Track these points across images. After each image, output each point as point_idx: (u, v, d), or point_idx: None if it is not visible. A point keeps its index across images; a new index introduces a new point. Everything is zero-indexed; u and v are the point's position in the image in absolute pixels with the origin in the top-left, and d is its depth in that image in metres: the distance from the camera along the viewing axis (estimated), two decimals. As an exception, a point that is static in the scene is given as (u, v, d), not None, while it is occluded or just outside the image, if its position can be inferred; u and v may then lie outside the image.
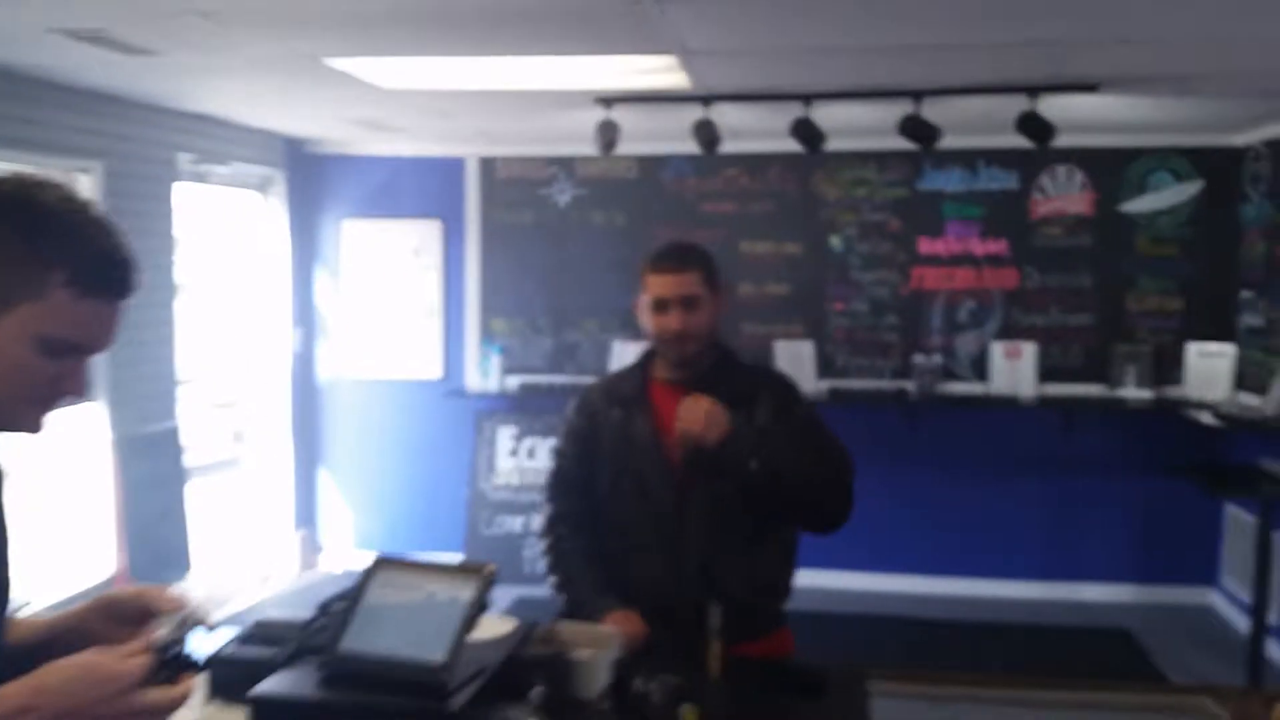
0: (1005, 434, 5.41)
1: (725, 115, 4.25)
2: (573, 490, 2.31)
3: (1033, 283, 5.35)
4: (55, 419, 1.22)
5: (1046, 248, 5.33)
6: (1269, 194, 4.86)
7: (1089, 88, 3.86)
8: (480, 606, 1.62)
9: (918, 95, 4.01)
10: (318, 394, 5.86)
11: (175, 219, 4.59)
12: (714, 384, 2.20)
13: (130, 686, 1.10)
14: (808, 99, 4.10)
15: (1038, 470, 5.39)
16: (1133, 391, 5.16)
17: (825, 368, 5.42)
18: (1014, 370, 5.25)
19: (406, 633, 1.62)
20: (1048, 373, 5.27)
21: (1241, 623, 4.70)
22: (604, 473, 2.24)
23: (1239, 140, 5.12)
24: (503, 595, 4.75)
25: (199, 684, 1.29)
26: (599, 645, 1.84)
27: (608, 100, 4.19)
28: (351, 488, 5.89)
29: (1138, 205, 5.27)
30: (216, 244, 5.30)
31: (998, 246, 5.37)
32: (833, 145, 4.52)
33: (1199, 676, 4.30)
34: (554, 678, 1.77)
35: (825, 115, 4.18)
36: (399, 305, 5.76)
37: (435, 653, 1.56)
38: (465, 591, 1.63)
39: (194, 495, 4.67)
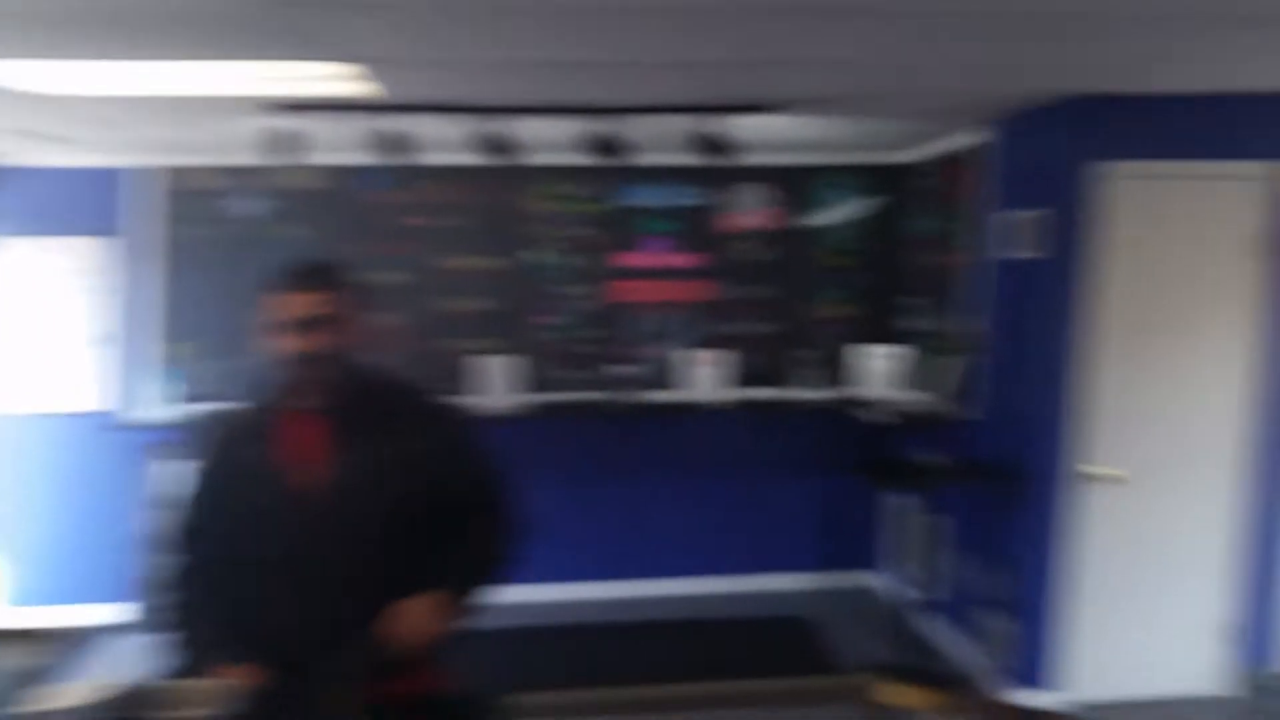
0: (702, 438, 5.65)
1: (419, 126, 4.14)
2: (197, 536, 2.13)
3: (727, 294, 5.60)
4: None
5: (738, 261, 5.60)
6: (934, 208, 5.35)
7: (768, 108, 4.07)
8: (30, 676, 1.43)
9: (605, 112, 4.08)
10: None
11: None
12: (352, 409, 2.09)
13: None
14: (497, 112, 4.07)
15: (730, 471, 5.67)
16: (812, 394, 5.52)
17: (531, 382, 5.41)
18: (709, 377, 5.47)
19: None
20: (741, 379, 5.53)
21: (899, 602, 5.13)
22: (228, 512, 2.08)
23: (908, 157, 5.60)
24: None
25: None
26: (205, 703, 1.70)
27: (286, 107, 3.96)
28: (3, 536, 5.23)
29: (818, 219, 5.64)
30: None
31: (693, 260, 5.58)
32: (532, 160, 4.53)
33: (868, 655, 4.65)
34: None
35: (521, 129, 4.17)
36: (66, 331, 5.19)
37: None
38: (16, 661, 1.44)
39: None
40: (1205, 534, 4.15)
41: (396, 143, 4.15)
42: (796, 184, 5.60)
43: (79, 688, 1.64)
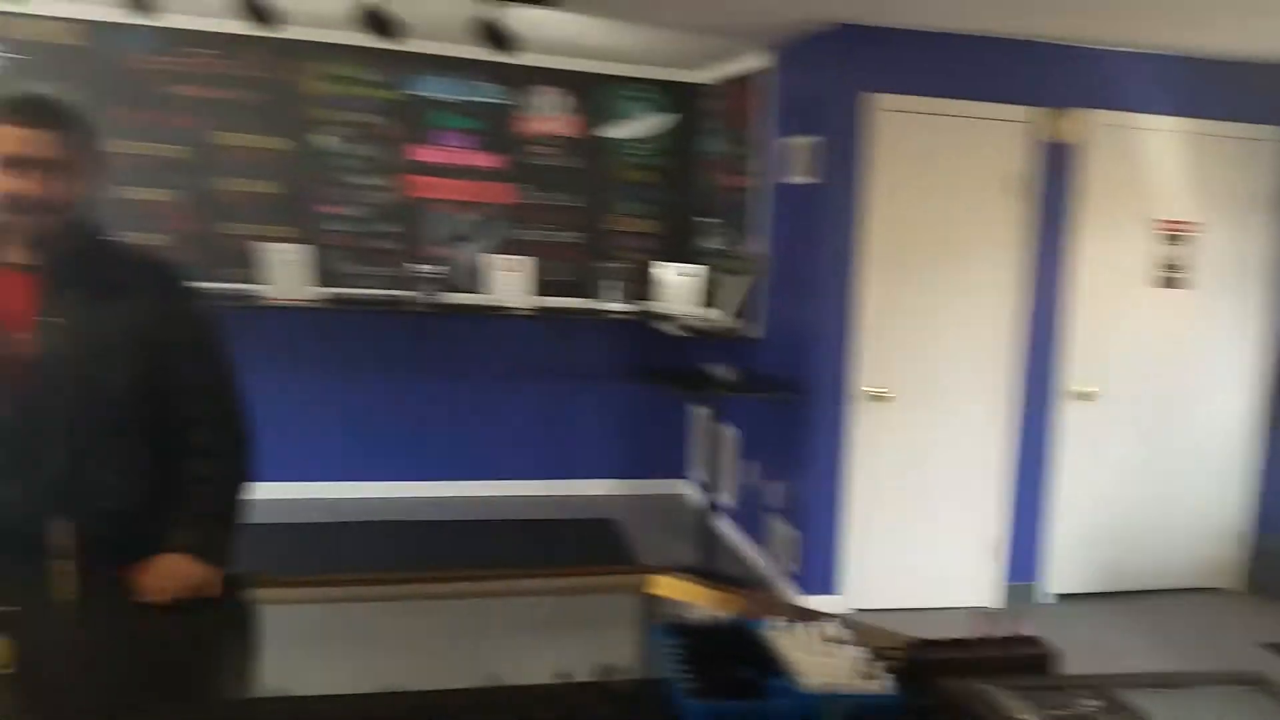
0: (503, 343, 5.60)
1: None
2: None
3: (528, 199, 5.51)
4: None
5: (539, 166, 5.51)
6: (723, 130, 5.41)
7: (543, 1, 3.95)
8: None
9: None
10: None
11: None
12: (79, 271, 1.89)
13: None
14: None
15: (532, 377, 5.66)
16: (614, 305, 5.56)
17: (320, 275, 5.17)
18: (511, 282, 5.39)
19: None
20: (542, 286, 5.49)
21: (701, 508, 5.30)
22: None
23: (700, 77, 5.63)
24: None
25: None
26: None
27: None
28: None
29: (617, 132, 5.61)
30: None
31: (494, 161, 5.44)
32: (306, 34, 4.21)
33: (669, 557, 4.74)
34: None
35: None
36: None
37: None
38: None
39: None
40: (972, 454, 4.42)
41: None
42: (596, 92, 5.54)
43: None
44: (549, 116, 5.48)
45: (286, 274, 4.99)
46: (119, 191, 4.75)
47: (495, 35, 3.97)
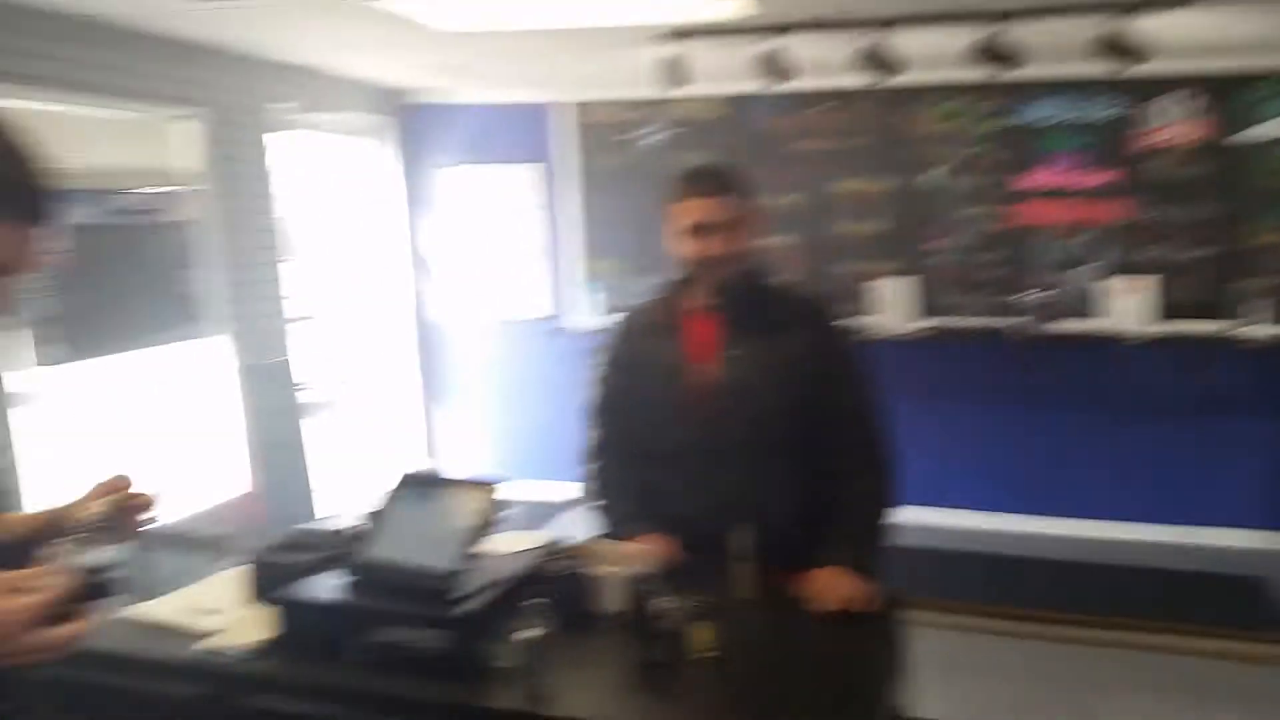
0: (1121, 372, 5.19)
1: (803, 48, 4.15)
2: (614, 415, 2.36)
3: (1146, 215, 5.06)
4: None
5: (1160, 179, 5.02)
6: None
7: (1179, 2, 3.61)
8: (488, 521, 1.70)
9: (992, 17, 3.83)
10: (432, 333, 6.14)
11: (276, 165, 4.77)
12: (748, 310, 2.20)
13: (17, 630, 0.96)
14: (882, 25, 3.97)
15: (1157, 410, 5.16)
16: (1258, 329, 4.85)
17: (925, 306, 5.30)
18: (1129, 306, 5.00)
19: (424, 544, 1.72)
20: (1165, 308, 4.99)
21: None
22: (638, 401, 2.28)
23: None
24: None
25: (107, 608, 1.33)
26: (621, 563, 1.91)
27: (673, 35, 4.16)
28: (471, 423, 6.15)
29: (1255, 134, 4.90)
30: (327, 191, 5.51)
31: (1107, 177, 5.09)
32: (922, 78, 4.37)
33: None
34: (572, 591, 1.85)
35: (904, 43, 4.04)
36: (512, 248, 5.98)
37: (445, 562, 1.65)
38: (479, 506, 1.72)
39: (314, 426, 4.98)
40: None
41: (779, 67, 4.20)
42: (1230, 93, 4.87)
43: (522, 536, 1.94)
44: (1172, 124, 4.99)
45: (894, 307, 5.21)
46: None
47: (1119, 49, 3.76)
